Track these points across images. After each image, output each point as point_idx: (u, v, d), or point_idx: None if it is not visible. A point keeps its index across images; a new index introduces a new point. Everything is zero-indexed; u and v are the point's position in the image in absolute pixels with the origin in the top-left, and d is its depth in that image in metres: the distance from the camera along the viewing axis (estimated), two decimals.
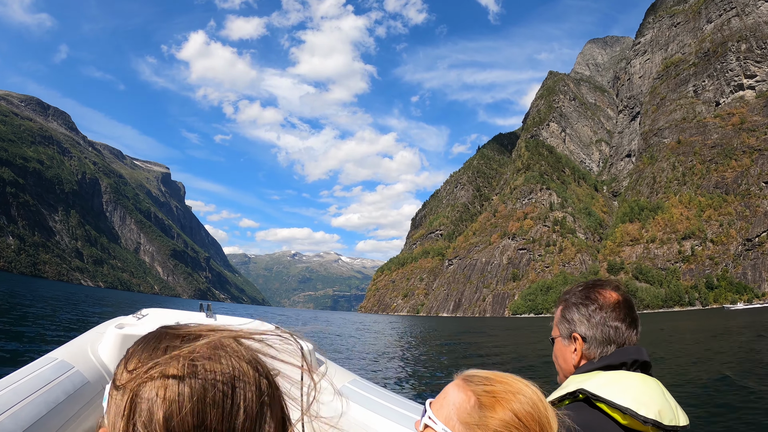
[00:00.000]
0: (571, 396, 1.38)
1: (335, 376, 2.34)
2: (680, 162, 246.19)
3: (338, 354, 20.47)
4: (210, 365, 0.59)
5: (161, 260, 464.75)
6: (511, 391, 0.90)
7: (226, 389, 0.58)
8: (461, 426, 0.91)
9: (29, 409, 1.58)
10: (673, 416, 1.31)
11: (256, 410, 0.59)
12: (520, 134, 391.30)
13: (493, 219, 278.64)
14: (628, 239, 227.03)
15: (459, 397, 0.94)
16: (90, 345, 2.10)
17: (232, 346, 0.62)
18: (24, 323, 18.56)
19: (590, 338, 1.52)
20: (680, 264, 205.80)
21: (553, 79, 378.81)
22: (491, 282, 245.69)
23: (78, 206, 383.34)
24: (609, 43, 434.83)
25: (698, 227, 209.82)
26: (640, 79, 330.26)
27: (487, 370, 0.98)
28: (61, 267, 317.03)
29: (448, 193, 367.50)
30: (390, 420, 2.09)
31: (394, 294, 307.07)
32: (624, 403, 1.27)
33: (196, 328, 0.64)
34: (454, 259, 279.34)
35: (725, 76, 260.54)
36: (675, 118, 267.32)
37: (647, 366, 1.47)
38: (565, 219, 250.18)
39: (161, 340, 0.62)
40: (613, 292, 1.56)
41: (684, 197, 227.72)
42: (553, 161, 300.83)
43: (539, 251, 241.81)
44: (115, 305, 42.10)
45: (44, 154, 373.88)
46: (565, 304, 1.62)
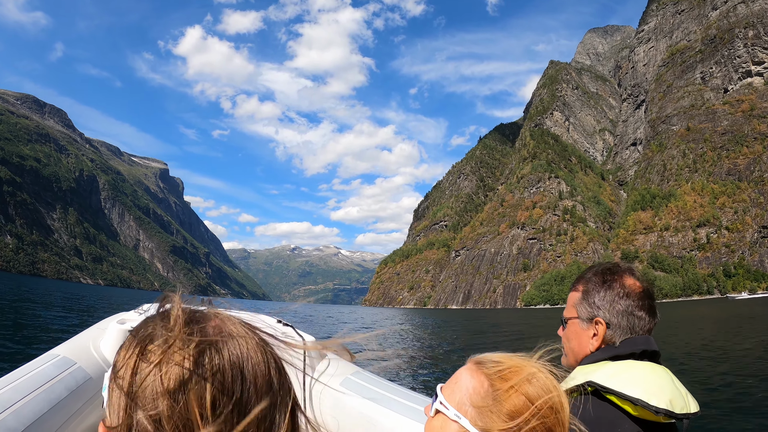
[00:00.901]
0: (580, 388, 1.33)
1: (338, 368, 2.34)
2: (690, 149, 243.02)
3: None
4: (217, 347, 0.56)
5: (161, 256, 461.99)
6: (524, 374, 0.88)
7: (235, 372, 0.55)
8: (474, 411, 0.89)
9: (32, 406, 1.57)
10: (684, 404, 1.29)
11: (267, 393, 0.57)
12: (521, 124, 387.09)
13: (501, 209, 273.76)
14: (641, 227, 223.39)
15: (472, 382, 0.92)
16: (92, 341, 2.09)
17: (238, 329, 0.60)
18: (23, 323, 18.29)
19: (614, 325, 1.47)
20: (696, 252, 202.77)
21: (555, 68, 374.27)
22: (501, 273, 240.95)
23: (76, 204, 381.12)
24: (609, 32, 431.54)
25: (712, 215, 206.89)
26: (644, 67, 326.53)
27: (499, 353, 0.96)
28: (59, 265, 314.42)
29: (450, 183, 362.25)
30: (393, 411, 2.08)
31: (400, 286, 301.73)
32: (634, 394, 1.24)
33: (200, 312, 0.62)
34: (461, 249, 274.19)
35: (733, 63, 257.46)
36: (683, 105, 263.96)
37: (656, 355, 1.45)
38: (575, 208, 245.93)
39: (164, 323, 0.59)
40: (636, 279, 1.52)
41: (696, 184, 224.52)
42: (560, 150, 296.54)
43: (550, 240, 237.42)
44: (117, 306, 38.93)
45: (41, 152, 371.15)
46: (587, 287, 1.55)
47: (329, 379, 2.25)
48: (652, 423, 1.28)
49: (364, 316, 62.30)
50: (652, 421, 1.28)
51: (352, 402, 2.12)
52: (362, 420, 2.03)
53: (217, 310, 0.64)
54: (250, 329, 0.61)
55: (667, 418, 1.26)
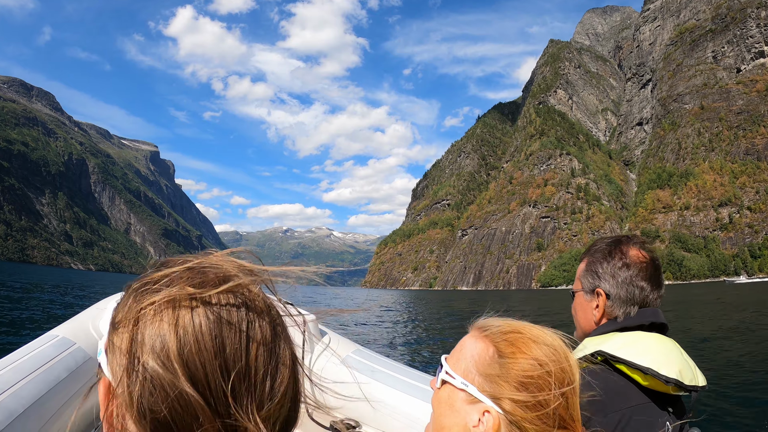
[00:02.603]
0: (590, 358, 1.32)
1: (338, 347, 2.33)
2: (705, 128, 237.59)
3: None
4: (222, 296, 0.54)
5: (153, 240, 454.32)
6: (531, 337, 0.84)
7: (241, 318, 0.53)
8: (481, 378, 0.85)
9: (32, 386, 1.56)
10: (693, 376, 1.28)
11: (271, 342, 0.55)
12: (520, 103, 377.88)
13: (510, 186, 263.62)
14: (660, 206, 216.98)
15: (477, 348, 0.88)
16: (91, 321, 2.07)
17: (240, 281, 0.56)
18: (18, 310, 18.04)
19: (614, 296, 1.45)
20: (718, 232, 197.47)
21: (556, 46, 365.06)
22: (513, 252, 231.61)
23: (65, 188, 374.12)
24: (609, 13, 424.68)
25: (733, 194, 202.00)
26: (650, 46, 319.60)
27: (502, 318, 0.91)
28: (50, 251, 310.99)
29: (450, 162, 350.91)
30: (394, 389, 2.09)
31: (403, 267, 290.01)
32: (645, 363, 1.24)
33: (198, 261, 0.59)
34: (468, 229, 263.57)
35: (745, 43, 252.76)
36: (695, 84, 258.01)
37: (664, 327, 1.43)
38: (588, 186, 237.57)
39: (165, 270, 0.56)
40: (641, 250, 1.48)
41: (715, 164, 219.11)
42: (568, 127, 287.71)
43: (564, 219, 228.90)
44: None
45: (29, 135, 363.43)
46: (591, 258, 1.53)
47: (330, 356, 2.23)
48: (661, 394, 1.29)
49: (377, 298, 58.42)
50: (661, 393, 1.28)
51: (354, 379, 2.11)
52: (364, 398, 2.01)
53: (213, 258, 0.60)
54: (252, 284, 0.58)
55: (676, 389, 1.27)
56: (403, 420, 2.00)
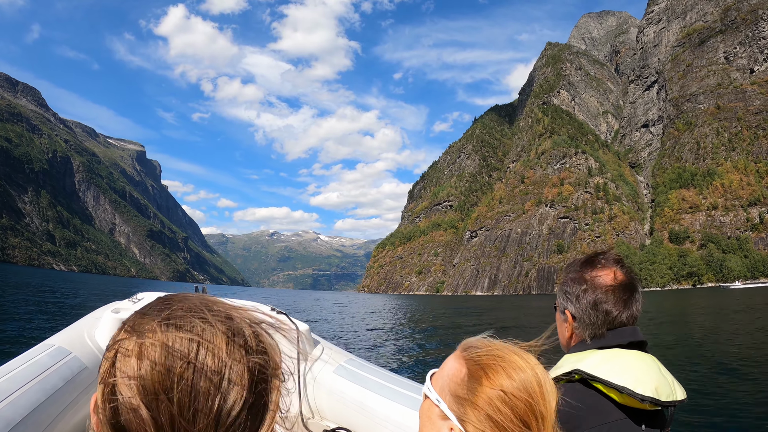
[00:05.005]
0: (567, 376, 1.31)
1: (331, 356, 2.32)
2: (724, 127, 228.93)
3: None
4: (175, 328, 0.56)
5: (137, 241, 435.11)
6: (505, 366, 0.81)
7: (190, 349, 0.55)
8: (451, 398, 0.85)
9: (28, 396, 1.55)
10: (671, 391, 1.28)
11: (220, 367, 0.55)
12: (517, 105, 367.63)
13: (522, 186, 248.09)
14: (686, 206, 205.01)
15: (453, 368, 0.87)
16: (87, 330, 2.06)
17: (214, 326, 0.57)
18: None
19: (579, 319, 1.43)
20: (749, 233, 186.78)
21: (555, 48, 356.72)
22: (532, 255, 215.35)
23: (49, 186, 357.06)
24: (604, 17, 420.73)
25: (761, 193, 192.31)
26: (654, 48, 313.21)
27: (490, 339, 0.88)
28: (31, 251, 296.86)
29: (449, 163, 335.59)
30: (386, 398, 2.07)
31: (405, 271, 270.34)
32: (620, 382, 1.23)
33: (181, 314, 0.58)
34: (478, 230, 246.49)
35: (758, 44, 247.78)
36: (709, 84, 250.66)
37: (643, 344, 1.41)
38: (606, 185, 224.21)
39: (162, 306, 0.59)
40: (611, 270, 1.43)
41: (738, 163, 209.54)
42: (577, 126, 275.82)
43: (585, 220, 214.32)
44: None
45: (12, 131, 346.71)
46: (564, 277, 1.52)
47: (323, 365, 2.23)
48: (638, 410, 1.28)
49: (393, 307, 53.52)
50: (638, 408, 1.28)
51: (346, 389, 2.09)
52: (356, 406, 2.01)
53: (217, 300, 0.62)
54: (240, 319, 0.60)
55: (653, 406, 1.26)
56: (395, 429, 1.99)
